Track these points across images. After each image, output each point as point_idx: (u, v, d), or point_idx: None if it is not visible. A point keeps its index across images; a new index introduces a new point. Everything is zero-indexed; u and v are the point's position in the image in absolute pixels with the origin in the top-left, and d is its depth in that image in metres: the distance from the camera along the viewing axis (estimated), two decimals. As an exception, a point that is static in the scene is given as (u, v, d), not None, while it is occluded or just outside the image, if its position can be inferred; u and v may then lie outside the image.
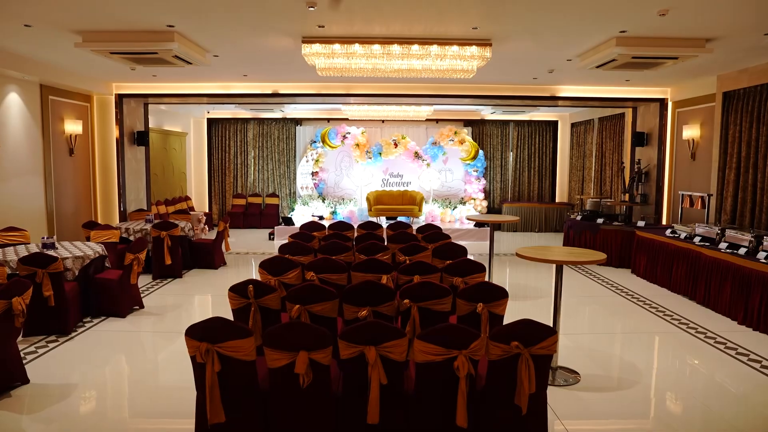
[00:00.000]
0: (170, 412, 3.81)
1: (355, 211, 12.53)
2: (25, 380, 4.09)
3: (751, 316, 5.66)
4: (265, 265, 4.81)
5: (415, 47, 5.65)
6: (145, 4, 4.74)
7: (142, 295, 6.91)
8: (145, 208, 10.26)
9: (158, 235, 7.68)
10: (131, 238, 8.04)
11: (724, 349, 5.03)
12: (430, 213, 12.59)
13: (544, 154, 14.43)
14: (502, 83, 9.15)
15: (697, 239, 6.90)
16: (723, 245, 6.35)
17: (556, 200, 14.22)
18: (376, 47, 5.62)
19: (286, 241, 5.96)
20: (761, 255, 5.67)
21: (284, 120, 14.00)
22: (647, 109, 9.88)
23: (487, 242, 11.86)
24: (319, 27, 5.40)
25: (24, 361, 4.51)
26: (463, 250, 5.58)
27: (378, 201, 12.54)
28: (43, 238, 5.86)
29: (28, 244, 6.36)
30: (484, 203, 13.16)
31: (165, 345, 5.16)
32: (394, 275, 4.82)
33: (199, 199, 14.13)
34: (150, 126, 11.08)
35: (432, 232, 6.60)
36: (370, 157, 13.03)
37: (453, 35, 5.66)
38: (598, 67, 6.37)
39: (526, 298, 6.99)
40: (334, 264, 4.81)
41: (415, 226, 7.75)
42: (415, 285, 3.90)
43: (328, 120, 13.81)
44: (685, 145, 8.76)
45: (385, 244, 6.50)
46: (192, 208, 13.19)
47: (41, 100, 7.75)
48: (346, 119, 13.21)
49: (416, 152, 13.07)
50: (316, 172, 13.19)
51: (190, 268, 8.52)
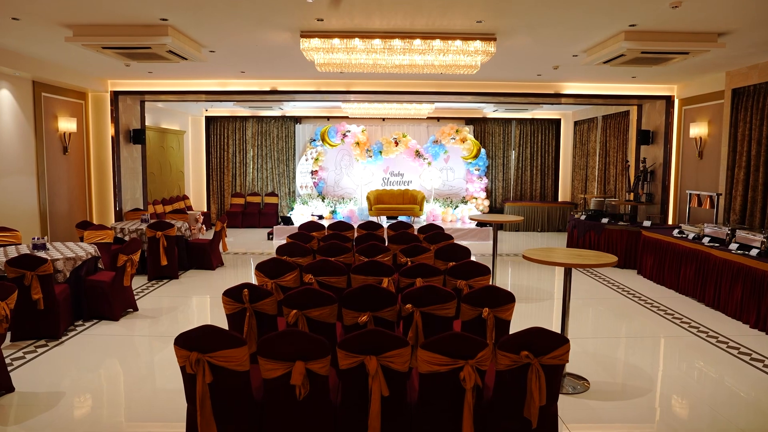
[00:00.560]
0: (165, 418, 3.64)
1: (355, 210, 12.35)
2: (10, 388, 3.92)
3: (763, 319, 5.48)
4: (262, 268, 4.64)
5: (417, 42, 5.47)
6: (137, -3, 4.56)
7: (137, 297, 6.75)
8: (142, 208, 10.09)
9: (154, 236, 7.51)
10: (126, 238, 7.86)
11: (737, 354, 4.86)
12: (432, 212, 12.42)
13: (547, 153, 14.25)
14: (506, 80, 8.97)
15: (706, 240, 6.72)
16: (733, 246, 6.18)
17: (559, 199, 14.04)
18: (377, 42, 5.45)
19: (285, 242, 5.80)
20: (774, 256, 5.50)
21: (283, 118, 13.82)
22: (653, 106, 9.69)
23: (489, 242, 11.74)
24: (318, 20, 5.22)
25: (11, 368, 4.35)
26: (467, 252, 5.41)
27: (378, 200, 12.37)
28: (34, 239, 5.69)
29: (19, 244, 6.19)
30: (486, 202, 12.98)
31: (159, 349, 4.98)
32: (395, 278, 4.65)
33: (197, 199, 13.96)
34: (147, 124, 10.91)
35: (434, 232, 6.43)
36: (371, 156, 12.85)
37: (456, 29, 5.48)
38: (605, 63, 6.18)
39: (529, 300, 6.82)
40: (333, 266, 4.64)
41: (417, 226, 7.59)
42: (418, 289, 3.73)
43: (328, 118, 13.62)
44: (692, 143, 8.58)
45: (386, 244, 6.34)
46: (190, 208, 13.02)
47: (34, 98, 7.57)
48: (346, 117, 13.03)
49: (417, 151, 12.89)
50: (316, 171, 13.02)
51: (187, 269, 8.35)
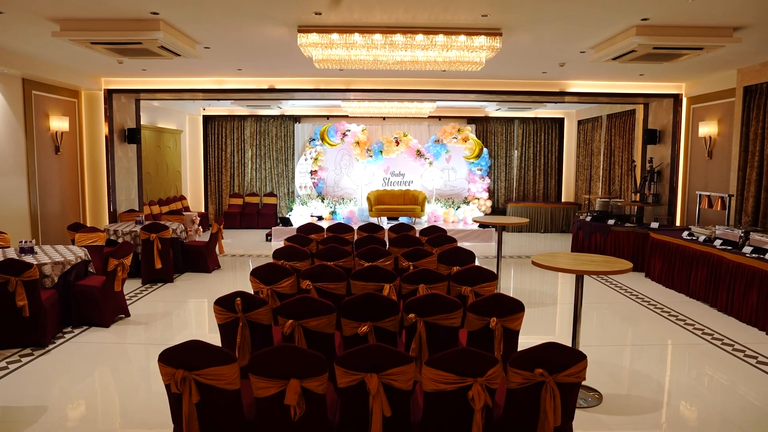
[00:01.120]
0: (158, 430, 3.43)
1: (355, 211, 12.13)
2: (-10, 402, 3.71)
3: (780, 326, 5.27)
4: (258, 273, 4.43)
5: (420, 37, 5.25)
6: (126, -11, 4.35)
7: (130, 302, 6.53)
8: (137, 209, 9.87)
9: (148, 238, 7.29)
10: (120, 241, 7.65)
11: (755, 364, 4.63)
12: (433, 213, 12.19)
13: (550, 153, 14.03)
14: (510, 78, 8.75)
15: (717, 242, 6.50)
16: (747, 249, 5.96)
17: (563, 200, 13.82)
18: (378, 37, 5.22)
19: (283, 245, 5.59)
20: (791, 260, 5.28)
21: (282, 117, 13.60)
22: (660, 105, 9.47)
23: (492, 243, 11.52)
24: (316, 14, 5.00)
25: (-9, 379, 4.13)
26: (471, 256, 5.19)
27: (379, 201, 12.14)
28: (21, 242, 5.47)
29: (7, 247, 5.98)
30: (488, 203, 12.76)
31: (152, 356, 4.76)
32: (396, 284, 4.44)
33: (195, 199, 13.74)
34: (142, 123, 10.69)
35: (437, 235, 6.21)
36: (371, 156, 12.62)
37: (460, 24, 5.26)
38: (614, 59, 5.96)
39: (534, 305, 6.60)
40: (332, 272, 4.43)
41: (418, 227, 7.38)
42: (421, 298, 3.51)
43: (328, 117, 13.40)
44: (701, 142, 8.36)
45: (387, 247, 6.13)
46: (187, 208, 12.80)
47: (24, 96, 7.34)
48: (346, 116, 12.80)
49: (418, 150, 12.67)
50: (315, 171, 12.79)
51: (182, 272, 8.13)
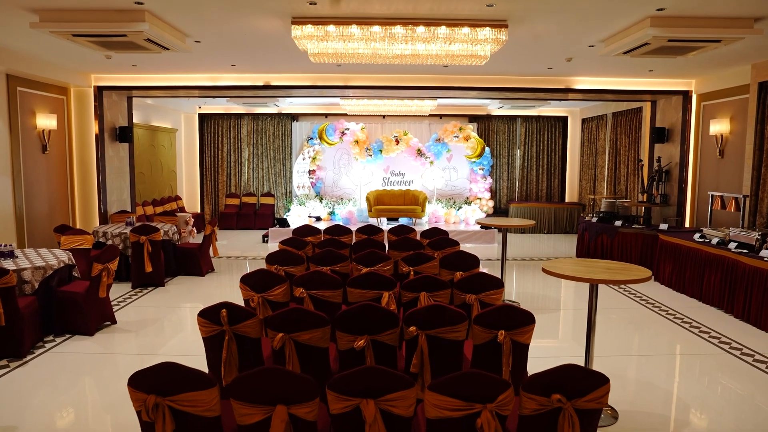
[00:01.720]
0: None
1: (354, 211, 11.83)
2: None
3: (803, 334, 4.98)
4: (248, 280, 4.15)
5: (421, 29, 4.95)
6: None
7: (118, 307, 6.25)
8: (129, 210, 9.59)
9: (137, 240, 7.01)
10: (109, 243, 7.36)
11: (779, 377, 4.35)
12: (434, 214, 11.89)
13: (553, 152, 13.73)
14: (514, 74, 8.45)
15: (732, 245, 6.21)
16: (765, 252, 5.67)
17: (566, 200, 13.53)
18: (376, 29, 4.93)
19: (278, 248, 5.31)
20: (814, 265, 4.99)
21: (279, 115, 13.31)
22: (668, 102, 9.18)
23: (494, 245, 11.22)
24: (311, 4, 4.71)
25: (-40, 395, 3.85)
26: (475, 260, 4.90)
27: (378, 201, 11.85)
28: (0, 246, 5.19)
29: (-13, 251, 5.68)
30: (491, 203, 12.46)
31: (135, 369, 4.47)
32: (396, 292, 4.15)
33: (191, 199, 13.45)
34: (135, 121, 10.41)
35: (439, 237, 5.93)
36: (370, 155, 12.32)
37: (464, 15, 4.96)
38: (625, 53, 5.67)
39: (539, 311, 6.31)
40: (327, 279, 4.15)
41: (418, 228, 7.10)
42: (423, 309, 3.23)
43: (326, 115, 13.11)
44: (712, 141, 8.07)
45: (386, 251, 5.85)
46: (182, 209, 12.51)
47: (8, 92, 7.04)
48: (345, 114, 12.51)
49: (419, 149, 12.37)
50: (313, 171, 12.50)
51: (175, 275, 7.85)
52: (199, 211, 13.32)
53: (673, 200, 9.03)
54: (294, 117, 13.31)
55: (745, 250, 5.99)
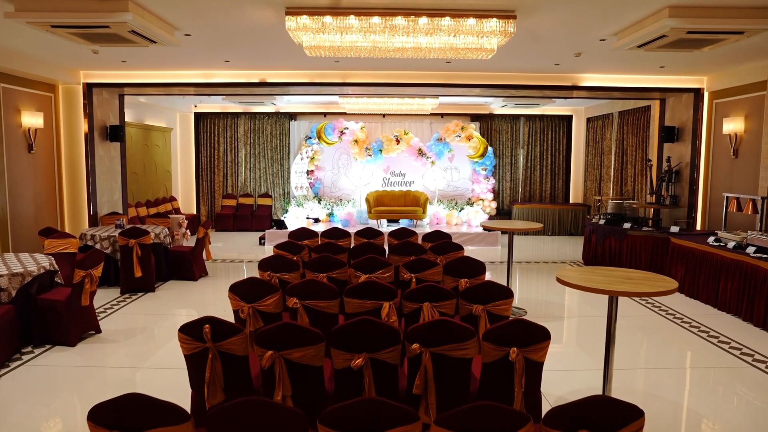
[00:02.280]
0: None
1: (353, 213, 11.52)
2: None
3: (830, 346, 4.67)
4: (237, 290, 3.84)
5: (423, 20, 4.65)
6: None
7: (105, 314, 5.95)
8: (121, 211, 9.28)
9: (126, 244, 6.70)
10: (97, 247, 7.06)
11: (810, 393, 4.04)
12: (435, 215, 11.58)
13: (557, 152, 13.42)
14: (519, 71, 8.14)
15: (750, 249, 5.90)
16: (787, 258, 5.37)
17: (570, 201, 13.22)
18: (376, 20, 4.62)
19: (272, 252, 5.00)
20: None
21: (277, 114, 13.00)
22: (678, 100, 8.87)
23: (498, 247, 10.89)
24: (306, -7, 4.41)
25: None
26: (481, 266, 4.59)
27: (378, 202, 11.54)
28: (-24, 251, 4.88)
29: (-35, 256, 5.38)
30: (493, 204, 12.14)
31: (120, 383, 4.17)
32: (397, 302, 3.85)
33: (186, 200, 13.14)
34: (128, 120, 10.11)
35: (442, 242, 5.62)
36: (370, 155, 12.00)
37: (470, 5, 4.65)
38: (639, 47, 5.36)
39: (546, 319, 6.00)
40: (322, 288, 3.84)
41: (419, 230, 6.80)
42: (428, 325, 2.92)
43: (325, 114, 12.80)
44: (725, 140, 7.76)
45: (387, 255, 5.55)
46: (178, 210, 12.21)
47: (-9, 89, 6.76)
48: (344, 113, 12.20)
49: (420, 149, 12.05)
50: (312, 171, 12.19)
51: (166, 280, 7.54)
52: (194, 213, 13.02)
53: (684, 201, 8.72)
54: (292, 116, 13.00)
55: (765, 255, 5.68)
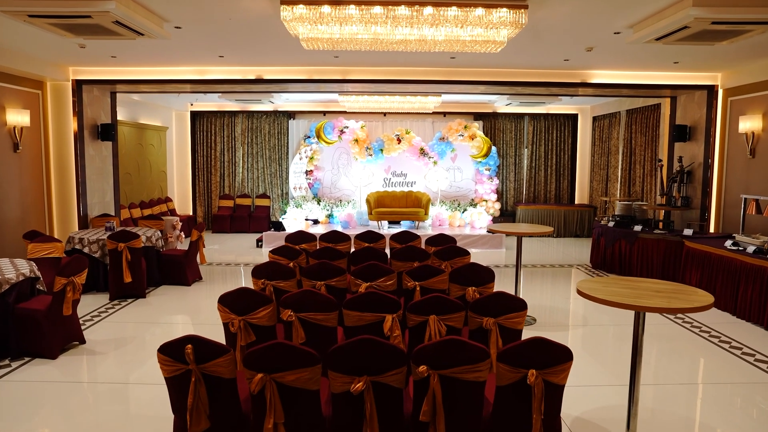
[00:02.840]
0: None
1: (353, 214, 11.21)
2: None
3: None
4: (227, 301, 3.53)
5: (428, 10, 4.33)
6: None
7: (92, 322, 5.65)
8: (113, 213, 8.97)
9: (115, 248, 6.40)
10: (86, 250, 6.75)
11: None
12: (438, 216, 11.26)
13: (563, 151, 13.11)
14: (526, 67, 7.83)
15: (772, 255, 5.60)
16: (814, 264, 5.06)
17: (576, 202, 12.90)
18: (377, 9, 4.31)
19: (269, 258, 4.70)
20: None
21: (275, 113, 12.68)
22: (690, 98, 8.55)
23: (502, 250, 10.55)
24: (302, -19, 4.09)
25: None
26: (489, 274, 4.28)
27: (379, 203, 11.23)
28: (-49, 257, 4.57)
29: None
30: (497, 205, 11.83)
31: (104, 400, 3.86)
32: (400, 314, 3.54)
33: (182, 201, 12.83)
34: (120, 118, 9.81)
35: (447, 246, 5.31)
36: (371, 154, 11.69)
37: (477, -6, 4.35)
38: (657, 40, 5.05)
39: (557, 328, 5.68)
40: (320, 299, 3.53)
41: (421, 232, 6.48)
42: (436, 345, 2.61)
43: (324, 113, 12.48)
44: (741, 139, 7.44)
45: (389, 261, 5.25)
46: (173, 211, 11.90)
47: (-27, 85, 6.45)
48: (344, 112, 11.88)
49: (422, 149, 11.74)
50: (311, 171, 11.88)
51: (158, 285, 7.23)
52: (190, 214, 12.70)
53: (696, 203, 8.40)
54: (290, 114, 12.69)
55: (789, 261, 5.38)
